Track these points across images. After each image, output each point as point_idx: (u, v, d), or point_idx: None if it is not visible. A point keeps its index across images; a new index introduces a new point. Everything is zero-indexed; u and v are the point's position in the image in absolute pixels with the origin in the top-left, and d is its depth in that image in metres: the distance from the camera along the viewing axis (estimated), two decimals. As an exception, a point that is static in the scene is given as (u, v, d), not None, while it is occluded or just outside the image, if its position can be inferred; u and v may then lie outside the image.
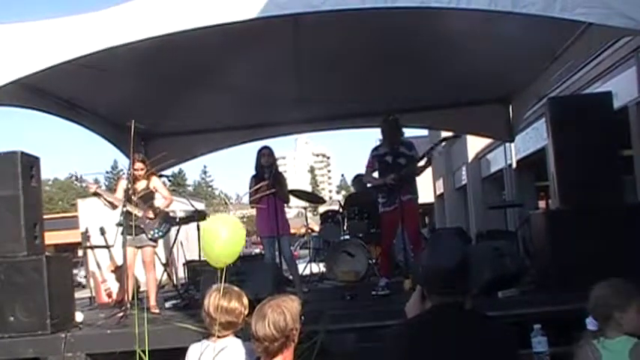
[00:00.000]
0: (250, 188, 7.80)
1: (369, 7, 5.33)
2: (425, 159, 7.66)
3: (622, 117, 10.49)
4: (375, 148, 7.81)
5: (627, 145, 10.90)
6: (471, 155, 24.95)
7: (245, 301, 3.48)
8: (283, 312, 2.92)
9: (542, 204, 20.05)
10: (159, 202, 7.54)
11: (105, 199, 7.26)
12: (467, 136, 23.11)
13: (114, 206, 7.23)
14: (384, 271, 7.73)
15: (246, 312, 3.44)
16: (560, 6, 5.08)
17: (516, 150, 16.80)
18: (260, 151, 7.94)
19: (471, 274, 2.78)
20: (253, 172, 7.93)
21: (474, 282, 5.58)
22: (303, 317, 3.00)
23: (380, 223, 8.10)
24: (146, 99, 8.67)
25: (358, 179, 10.35)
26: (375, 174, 7.75)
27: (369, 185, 8.67)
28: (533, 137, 15.68)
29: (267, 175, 7.70)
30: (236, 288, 3.53)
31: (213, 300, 3.40)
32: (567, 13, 5.10)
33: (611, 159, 6.12)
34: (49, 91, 7.26)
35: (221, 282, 3.29)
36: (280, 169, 8.60)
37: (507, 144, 11.51)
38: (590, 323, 3.12)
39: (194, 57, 7.58)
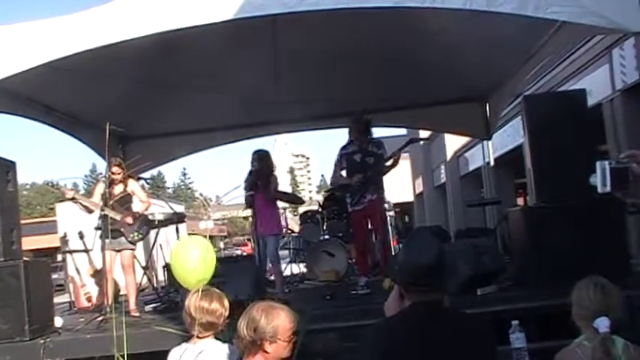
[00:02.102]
0: (245, 189, 8.04)
1: (345, 7, 5.34)
2: (392, 160, 7.66)
3: (596, 114, 10.61)
4: (344, 147, 7.80)
5: (602, 141, 11.03)
6: (449, 154, 25.10)
7: (226, 302, 3.48)
8: (264, 316, 2.97)
9: (520, 201, 20.22)
10: (137, 205, 7.51)
11: (81, 204, 7.21)
12: (445, 135, 23.28)
13: (89, 210, 7.18)
14: (362, 269, 7.76)
15: (227, 314, 3.45)
16: (534, 5, 5.13)
17: (494, 148, 16.87)
18: (254, 154, 8.21)
19: (448, 272, 2.80)
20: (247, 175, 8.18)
21: (453, 279, 5.63)
22: (297, 332, 3.05)
23: (350, 223, 8.17)
24: (124, 101, 8.60)
25: None
26: (344, 172, 7.77)
27: (333, 185, 8.79)
28: (511, 135, 15.81)
29: (262, 177, 8.03)
30: (217, 290, 3.54)
31: (195, 300, 3.40)
32: (541, 11, 5.16)
33: (586, 155, 6.17)
34: (24, 94, 7.18)
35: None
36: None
37: (485, 142, 11.55)
38: (602, 324, 2.89)
39: (172, 59, 7.55)
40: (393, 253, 9.03)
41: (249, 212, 8.56)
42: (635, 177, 1.81)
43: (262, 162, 8.13)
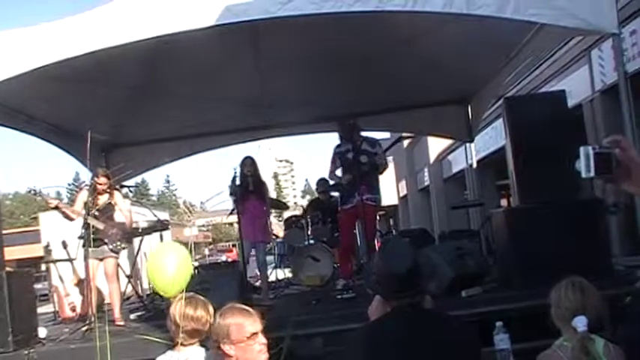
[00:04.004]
0: (230, 195, 7.99)
1: (326, 13, 5.35)
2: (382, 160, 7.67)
3: (577, 114, 10.70)
4: (338, 145, 7.83)
5: (583, 141, 11.09)
6: (432, 156, 25.17)
7: (211, 309, 3.47)
8: (219, 316, 3.11)
9: (504, 202, 20.29)
10: (119, 216, 7.46)
11: (64, 212, 7.16)
12: (428, 138, 23.33)
13: (70, 218, 7.12)
14: (343, 271, 7.76)
15: (212, 320, 3.43)
16: (513, 7, 5.18)
17: (477, 150, 16.96)
18: (243, 161, 8.11)
19: (424, 276, 2.82)
20: (233, 180, 8.03)
21: (437, 282, 5.65)
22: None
23: (338, 222, 8.15)
24: (106, 109, 8.58)
25: (322, 182, 10.35)
26: (339, 171, 7.77)
27: (331, 183, 8.76)
28: (493, 137, 15.90)
29: (250, 184, 7.93)
30: (201, 297, 3.52)
31: (179, 308, 3.38)
32: (520, 14, 5.21)
33: (567, 155, 6.22)
34: (4, 103, 7.12)
35: (185, 292, 3.30)
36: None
37: (467, 144, 11.61)
38: (580, 323, 2.92)
39: (154, 66, 7.54)
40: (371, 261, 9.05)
41: (234, 218, 8.52)
42: (618, 163, 1.85)
43: (255, 167, 8.10)
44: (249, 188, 7.94)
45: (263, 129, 10.81)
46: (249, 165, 8.07)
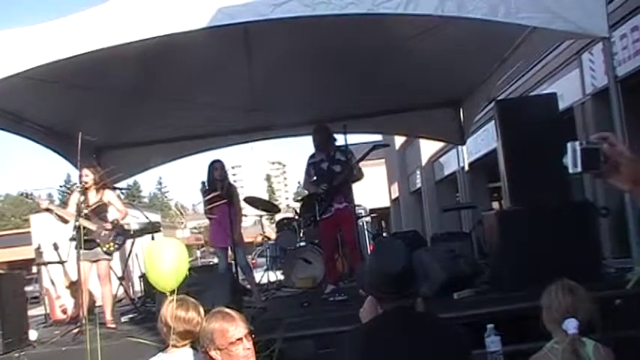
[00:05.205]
0: (204, 199, 7.75)
1: (319, 15, 5.37)
2: (355, 169, 7.64)
3: (568, 117, 10.75)
4: (312, 156, 7.82)
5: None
6: (424, 159, 25.22)
7: (202, 311, 3.46)
8: (205, 321, 3.14)
9: (495, 205, 20.35)
10: (113, 215, 7.43)
11: (56, 214, 7.13)
12: (420, 141, 23.38)
13: (65, 220, 7.10)
14: (330, 277, 7.77)
15: (203, 322, 3.42)
16: (504, 11, 5.21)
17: (468, 152, 17.02)
18: (212, 164, 7.92)
19: (418, 278, 2.82)
20: (203, 184, 7.87)
21: (429, 284, 5.66)
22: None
23: (319, 232, 8.14)
24: (97, 111, 8.55)
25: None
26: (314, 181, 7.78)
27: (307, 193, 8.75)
28: (485, 139, 15.94)
29: (220, 188, 7.64)
30: (192, 299, 3.52)
31: (171, 309, 3.38)
32: (511, 17, 5.24)
33: (558, 158, 6.22)
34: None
35: (177, 293, 3.30)
36: (236, 177, 8.72)
37: (459, 147, 11.64)
38: (571, 325, 2.90)
39: (146, 68, 7.52)
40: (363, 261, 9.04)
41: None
42: (605, 158, 1.86)
43: (224, 171, 7.96)
44: (219, 194, 7.42)
45: (255, 131, 10.82)
46: (219, 169, 7.87)
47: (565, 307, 3.01)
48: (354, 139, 7.97)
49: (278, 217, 14.30)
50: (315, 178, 7.74)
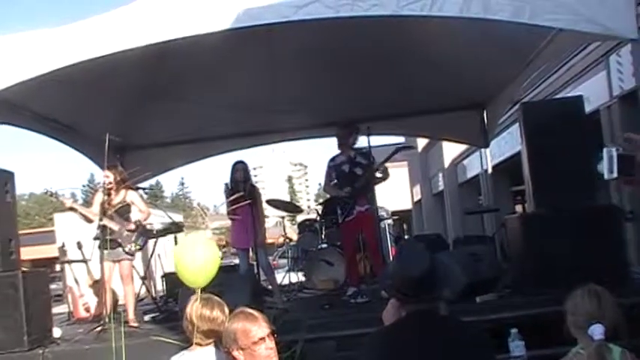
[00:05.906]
0: (227, 200, 7.76)
1: (342, 17, 5.34)
2: (379, 171, 7.62)
3: (594, 120, 10.63)
4: (332, 159, 7.80)
5: (599, 148, 11.01)
6: (447, 161, 25.11)
7: (226, 310, 3.47)
8: (229, 321, 3.16)
9: (518, 208, 20.22)
10: (136, 215, 7.48)
11: (80, 213, 7.19)
12: (443, 143, 23.29)
13: (89, 220, 7.16)
14: (351, 280, 7.76)
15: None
16: (530, 12, 5.15)
17: (492, 155, 16.93)
18: (234, 165, 7.94)
19: (441, 281, 2.80)
20: (226, 185, 7.90)
21: (452, 287, 5.63)
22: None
23: (341, 234, 8.13)
24: (121, 111, 8.62)
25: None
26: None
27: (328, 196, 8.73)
28: (509, 142, 15.82)
29: (243, 189, 7.63)
30: (217, 298, 3.54)
31: (196, 308, 3.40)
32: (536, 19, 5.18)
33: (584, 162, 6.17)
34: (22, 105, 7.16)
35: (200, 293, 3.32)
36: (258, 178, 8.68)
37: (482, 150, 11.57)
38: (596, 331, 2.84)
39: (168, 69, 7.57)
40: (386, 263, 9.02)
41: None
42: (638, 165, 1.84)
43: (247, 172, 7.97)
44: (242, 194, 7.35)
45: (277, 132, 10.82)
46: (242, 170, 7.88)
47: (591, 313, 2.96)
48: (376, 140, 7.85)
49: (300, 218, 14.31)
50: (335, 180, 7.73)
